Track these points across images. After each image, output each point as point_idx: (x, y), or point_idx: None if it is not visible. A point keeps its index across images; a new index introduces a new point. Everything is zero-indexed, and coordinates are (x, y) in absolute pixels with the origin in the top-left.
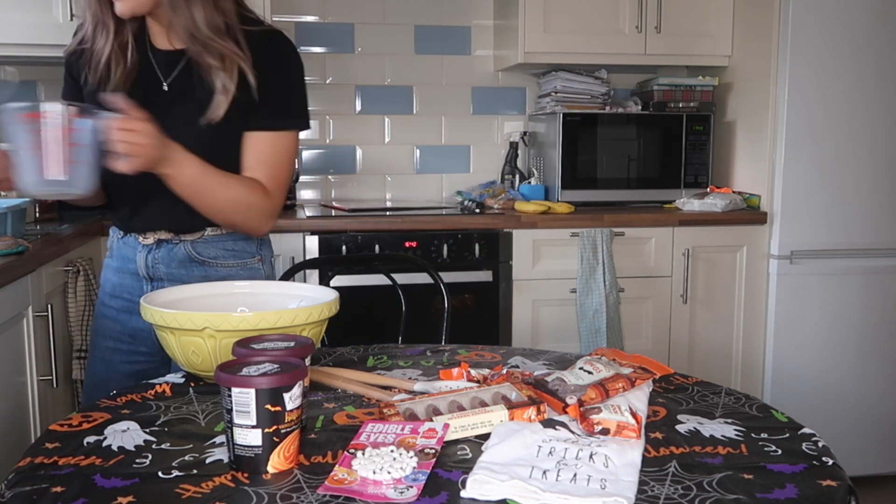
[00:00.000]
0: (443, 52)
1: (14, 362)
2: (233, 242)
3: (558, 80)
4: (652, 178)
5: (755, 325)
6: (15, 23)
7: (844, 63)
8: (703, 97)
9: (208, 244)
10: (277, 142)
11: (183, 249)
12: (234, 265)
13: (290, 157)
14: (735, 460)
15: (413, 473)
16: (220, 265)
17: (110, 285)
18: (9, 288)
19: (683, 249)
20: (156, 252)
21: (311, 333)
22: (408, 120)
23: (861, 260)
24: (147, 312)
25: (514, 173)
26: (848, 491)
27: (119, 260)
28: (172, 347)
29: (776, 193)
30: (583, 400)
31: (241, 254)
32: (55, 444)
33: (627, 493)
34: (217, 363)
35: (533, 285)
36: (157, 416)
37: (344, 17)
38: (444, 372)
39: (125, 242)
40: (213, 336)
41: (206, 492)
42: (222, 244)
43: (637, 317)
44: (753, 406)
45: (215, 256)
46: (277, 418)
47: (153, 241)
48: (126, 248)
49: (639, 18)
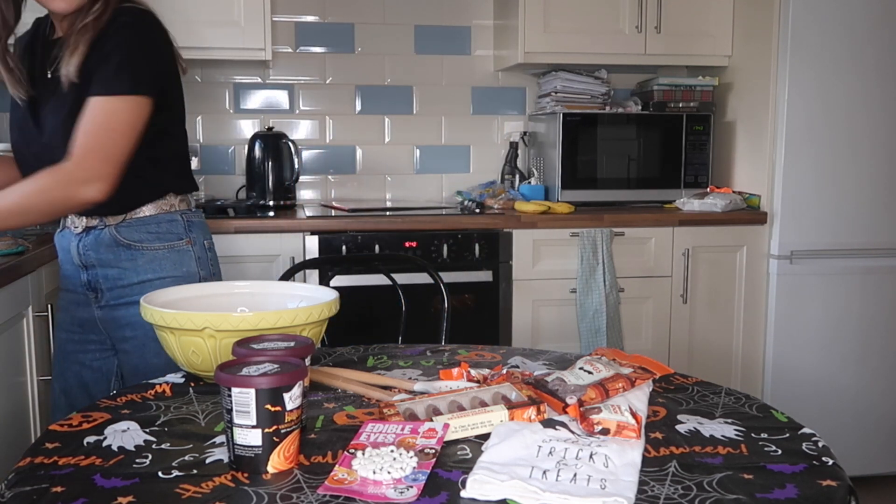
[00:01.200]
0: (443, 52)
1: (14, 362)
2: (156, 225)
3: (558, 80)
4: (652, 178)
5: (755, 325)
6: None
7: (844, 63)
8: (703, 97)
9: (132, 228)
10: (96, 107)
11: (108, 234)
12: (160, 248)
13: (106, 121)
14: (735, 460)
15: (413, 473)
16: (146, 248)
17: (61, 279)
18: (9, 288)
19: (683, 249)
20: (85, 239)
21: (311, 333)
22: (408, 120)
23: (861, 260)
24: (147, 312)
25: (514, 173)
26: (848, 491)
27: (60, 252)
28: (172, 347)
29: (776, 193)
30: (583, 400)
31: (167, 236)
32: (55, 444)
33: (627, 493)
34: (217, 363)
35: (533, 285)
36: (157, 416)
37: (344, 17)
38: (444, 372)
39: (62, 235)
40: (213, 336)
41: (206, 492)
42: (146, 227)
43: (637, 317)
44: (753, 406)
45: (140, 240)
46: (277, 418)
47: (82, 228)
48: (63, 239)
49: (639, 18)
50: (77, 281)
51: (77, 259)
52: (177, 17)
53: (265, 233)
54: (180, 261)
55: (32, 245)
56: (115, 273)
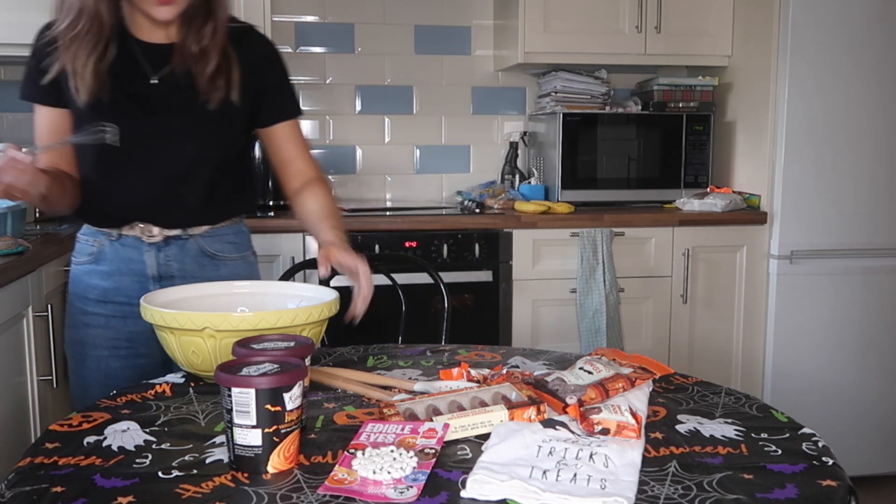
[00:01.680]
0: (443, 52)
1: (14, 362)
2: (234, 235)
3: (558, 80)
4: (652, 178)
5: (755, 325)
6: (15, 23)
7: (844, 63)
8: (703, 97)
9: (215, 238)
10: (297, 126)
11: (194, 244)
12: (237, 258)
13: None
14: (735, 460)
15: (413, 473)
16: (227, 259)
17: (97, 291)
18: (9, 288)
19: (683, 249)
20: (166, 250)
21: (311, 333)
22: (408, 120)
23: (861, 260)
24: (147, 312)
25: (514, 173)
26: (848, 491)
27: (114, 263)
28: (172, 347)
29: (776, 193)
30: (583, 400)
31: (240, 246)
32: (55, 444)
33: (627, 493)
34: (217, 363)
35: (533, 285)
36: (157, 416)
37: (344, 17)
38: (444, 372)
39: (122, 244)
40: (213, 336)
41: (206, 492)
42: (226, 237)
43: (637, 317)
44: (753, 406)
45: (222, 250)
46: (277, 418)
47: (161, 238)
48: (125, 249)
49: (639, 18)
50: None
51: (154, 270)
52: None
53: (265, 233)
54: (250, 271)
55: (32, 245)
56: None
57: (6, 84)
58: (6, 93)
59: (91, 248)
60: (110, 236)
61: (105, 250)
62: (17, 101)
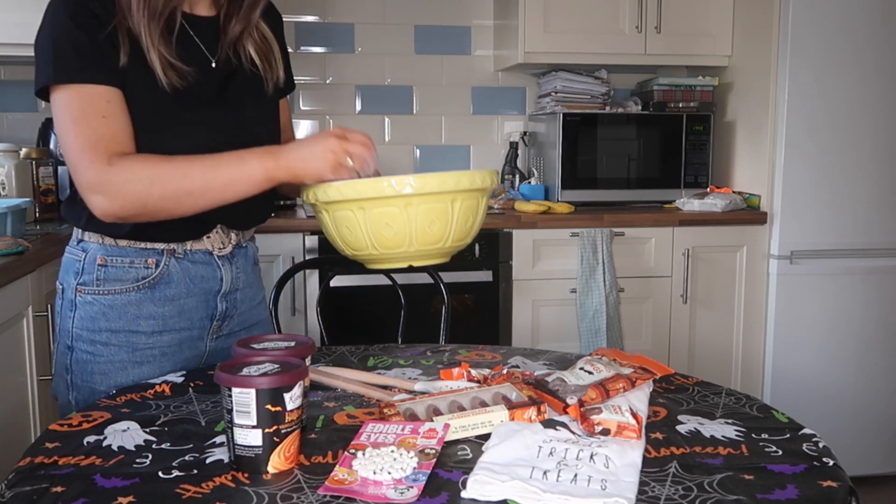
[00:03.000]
0: (443, 52)
1: (14, 362)
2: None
3: (558, 80)
4: (652, 178)
5: (755, 325)
6: (15, 23)
7: (844, 63)
8: (703, 97)
9: (254, 242)
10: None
11: (251, 251)
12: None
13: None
14: (735, 461)
15: (413, 474)
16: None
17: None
18: (9, 288)
19: (683, 249)
20: (235, 261)
21: (465, 206)
22: (408, 120)
23: (861, 260)
24: (310, 192)
25: (514, 173)
26: (848, 492)
27: (181, 284)
28: (329, 228)
29: (776, 193)
30: (583, 400)
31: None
32: (55, 443)
33: (628, 494)
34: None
35: (533, 285)
36: (157, 415)
37: (344, 17)
38: (444, 372)
39: (191, 260)
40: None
41: (207, 492)
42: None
43: (637, 317)
44: (754, 406)
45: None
46: (278, 418)
47: (230, 249)
48: (195, 266)
49: (639, 18)
50: (203, 313)
51: (227, 285)
52: None
53: (265, 233)
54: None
55: (32, 245)
56: (251, 293)
57: (6, 84)
58: (6, 93)
59: (143, 270)
60: (175, 253)
61: (171, 271)
62: (17, 101)
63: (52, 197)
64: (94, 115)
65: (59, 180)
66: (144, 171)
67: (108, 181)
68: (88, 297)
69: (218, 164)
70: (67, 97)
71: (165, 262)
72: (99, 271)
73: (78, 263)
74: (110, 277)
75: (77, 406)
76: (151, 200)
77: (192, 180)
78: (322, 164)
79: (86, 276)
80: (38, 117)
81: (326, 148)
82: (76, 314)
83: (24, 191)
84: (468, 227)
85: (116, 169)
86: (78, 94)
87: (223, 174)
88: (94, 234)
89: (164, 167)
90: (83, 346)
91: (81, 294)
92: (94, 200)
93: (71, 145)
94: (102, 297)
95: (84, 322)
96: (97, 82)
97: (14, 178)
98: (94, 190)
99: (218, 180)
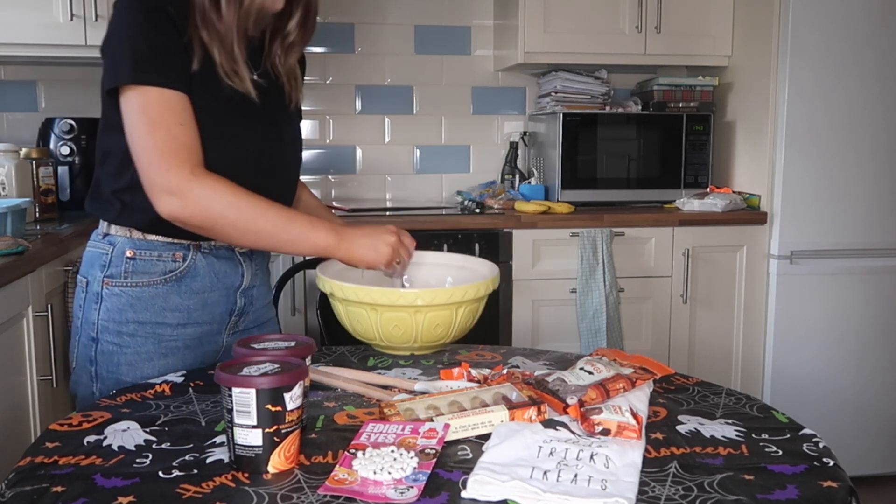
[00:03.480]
0: (443, 52)
1: (14, 362)
2: None
3: (558, 80)
4: (652, 178)
5: (755, 325)
6: (15, 23)
7: (844, 63)
8: (703, 97)
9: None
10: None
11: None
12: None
13: None
14: (736, 461)
15: (413, 474)
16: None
17: (179, 314)
18: (9, 288)
19: (683, 249)
20: (253, 259)
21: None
22: (408, 120)
23: (861, 260)
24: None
25: (514, 173)
26: (849, 492)
27: (206, 278)
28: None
29: (776, 193)
30: (583, 400)
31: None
32: (55, 443)
33: (628, 494)
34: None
35: (533, 285)
36: (157, 415)
37: (344, 17)
38: (444, 372)
39: (217, 256)
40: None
41: (207, 492)
42: None
43: (637, 317)
44: (754, 407)
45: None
46: (278, 418)
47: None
48: (220, 262)
49: (639, 18)
50: (223, 308)
51: (247, 281)
52: None
53: None
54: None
55: (32, 245)
56: (264, 291)
57: (6, 84)
58: (6, 93)
59: (170, 264)
60: (201, 248)
61: (197, 265)
62: (17, 101)
63: (52, 197)
64: (172, 120)
65: (58, 180)
66: (226, 196)
67: (188, 190)
68: (116, 290)
69: (292, 219)
70: (145, 99)
71: (192, 256)
72: (127, 264)
73: (104, 256)
74: (138, 270)
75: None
76: (222, 222)
77: (265, 222)
78: (379, 259)
79: (113, 268)
80: (38, 117)
81: (387, 244)
82: (102, 306)
83: (24, 191)
84: (468, 325)
85: (200, 181)
86: (157, 97)
87: (293, 229)
88: (123, 227)
89: (245, 199)
90: (109, 337)
91: (108, 286)
92: (166, 201)
93: (148, 146)
94: (130, 290)
95: (111, 314)
96: (175, 88)
97: (14, 178)
98: (170, 192)
99: (288, 232)
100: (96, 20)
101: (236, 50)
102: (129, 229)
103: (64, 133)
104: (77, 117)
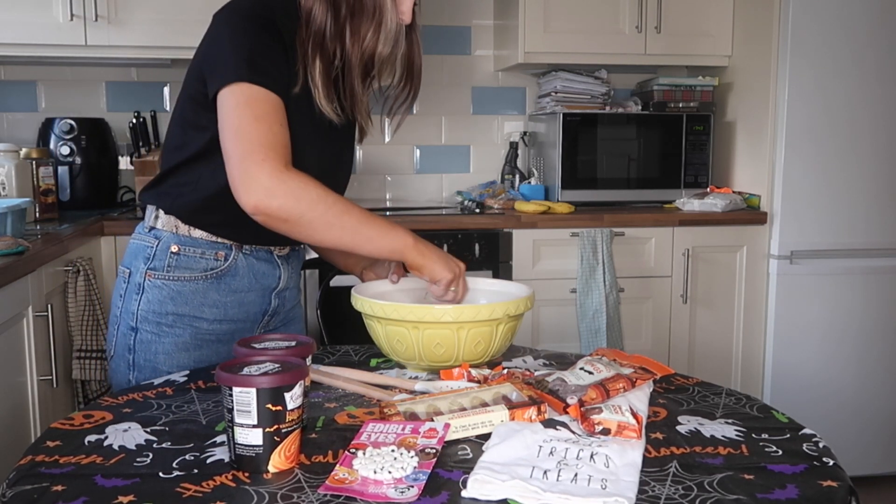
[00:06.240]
0: (443, 52)
1: (14, 362)
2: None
3: (558, 80)
4: (652, 178)
5: (755, 325)
6: (15, 23)
7: (844, 63)
8: (703, 97)
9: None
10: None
11: (302, 254)
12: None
13: None
14: (735, 461)
15: (414, 473)
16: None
17: (217, 310)
18: (9, 288)
19: (683, 249)
20: (290, 262)
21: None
22: (408, 120)
23: (861, 260)
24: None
25: (514, 173)
26: (849, 491)
27: (245, 278)
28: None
29: (776, 193)
30: (583, 400)
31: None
32: (56, 442)
33: (628, 494)
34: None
35: (533, 285)
36: (158, 415)
37: None
38: (444, 372)
39: (256, 257)
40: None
41: (207, 491)
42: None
43: (637, 317)
44: (754, 406)
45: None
46: (278, 418)
47: (287, 251)
48: (259, 263)
49: (639, 18)
50: (258, 308)
51: (283, 283)
52: (177, 18)
53: None
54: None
55: (32, 245)
56: (295, 293)
57: (6, 84)
58: (6, 93)
59: (212, 262)
60: (242, 249)
61: (237, 265)
62: (17, 101)
63: (52, 197)
64: (275, 120)
65: (58, 180)
66: (315, 191)
67: (281, 182)
68: (158, 282)
69: (373, 217)
70: (253, 96)
71: (234, 256)
72: (171, 259)
73: (149, 249)
74: (181, 265)
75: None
76: (308, 216)
77: (350, 219)
78: (446, 273)
79: (157, 261)
80: (38, 117)
81: (457, 265)
82: (143, 297)
83: (24, 191)
84: (506, 344)
85: (292, 175)
86: (265, 98)
87: (374, 227)
88: (169, 222)
89: (332, 196)
90: (148, 327)
91: (151, 279)
92: (255, 190)
93: (249, 136)
94: (172, 283)
95: (151, 305)
96: (280, 94)
97: (14, 178)
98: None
99: (371, 229)
100: (96, 20)
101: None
102: (176, 225)
103: (64, 133)
104: (77, 117)
